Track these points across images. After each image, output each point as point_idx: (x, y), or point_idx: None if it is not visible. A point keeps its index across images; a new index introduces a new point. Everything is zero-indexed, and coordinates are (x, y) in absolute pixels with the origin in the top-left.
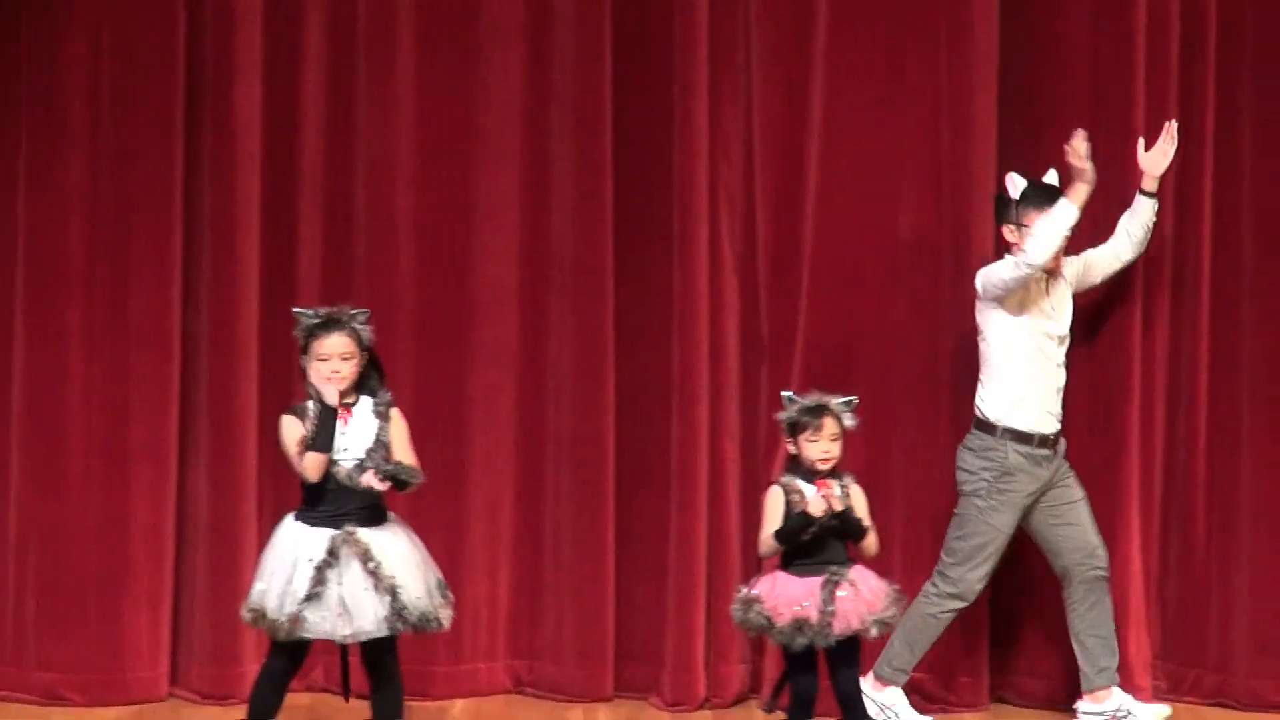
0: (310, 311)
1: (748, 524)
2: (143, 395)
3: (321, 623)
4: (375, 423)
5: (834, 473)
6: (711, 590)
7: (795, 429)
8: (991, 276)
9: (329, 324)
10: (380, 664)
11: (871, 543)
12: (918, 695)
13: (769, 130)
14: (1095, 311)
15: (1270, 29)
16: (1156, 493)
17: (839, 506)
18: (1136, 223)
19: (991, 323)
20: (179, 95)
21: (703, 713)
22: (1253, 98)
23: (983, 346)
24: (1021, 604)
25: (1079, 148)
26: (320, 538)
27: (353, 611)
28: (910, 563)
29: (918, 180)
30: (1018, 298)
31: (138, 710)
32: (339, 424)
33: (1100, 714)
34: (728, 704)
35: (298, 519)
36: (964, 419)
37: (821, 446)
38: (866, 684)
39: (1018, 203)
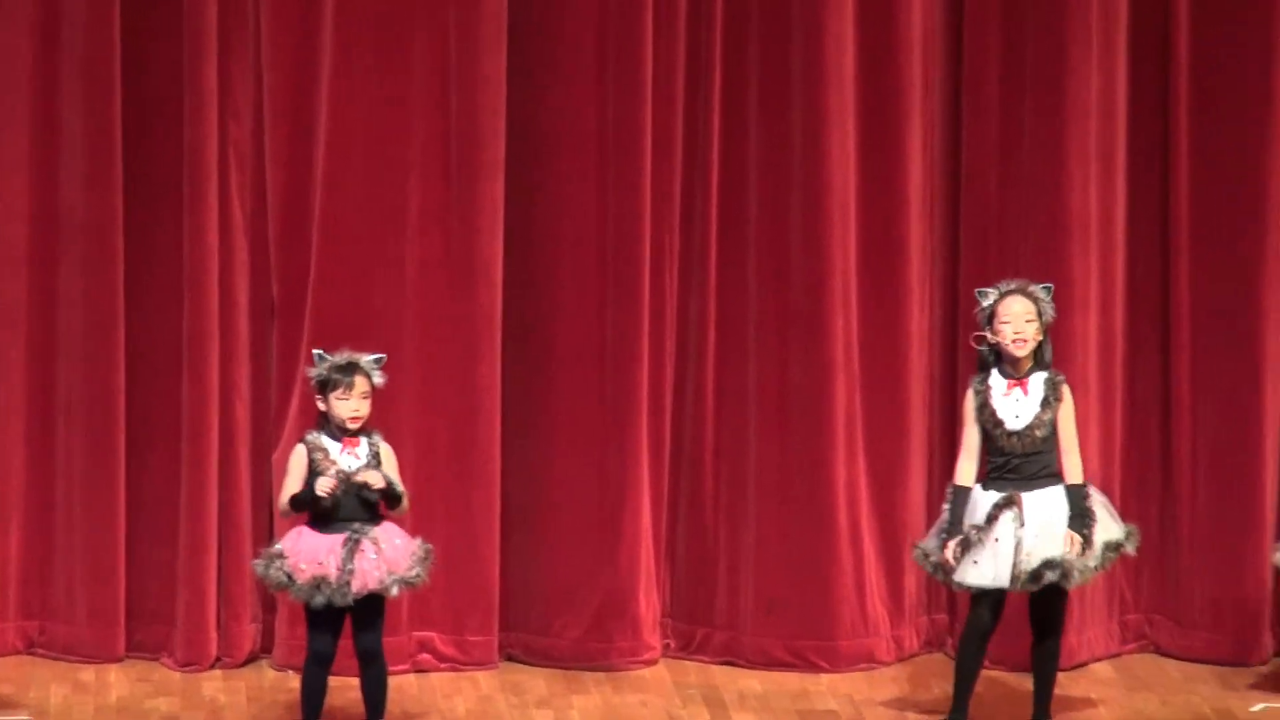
0: None
1: (258, 484)
2: None
3: None
4: None
5: (363, 430)
6: (223, 551)
7: (326, 387)
8: None
9: None
10: None
11: (405, 505)
12: (429, 654)
13: (279, 90)
14: (602, 268)
15: None
16: (666, 452)
17: (379, 484)
18: None
19: None
20: None
21: (214, 672)
22: (759, 58)
23: None
24: (531, 562)
25: None
26: None
27: None
28: (420, 524)
29: (426, 140)
30: None
31: None
32: None
33: None
34: (239, 663)
35: None
36: (473, 374)
37: (352, 405)
38: None
39: None
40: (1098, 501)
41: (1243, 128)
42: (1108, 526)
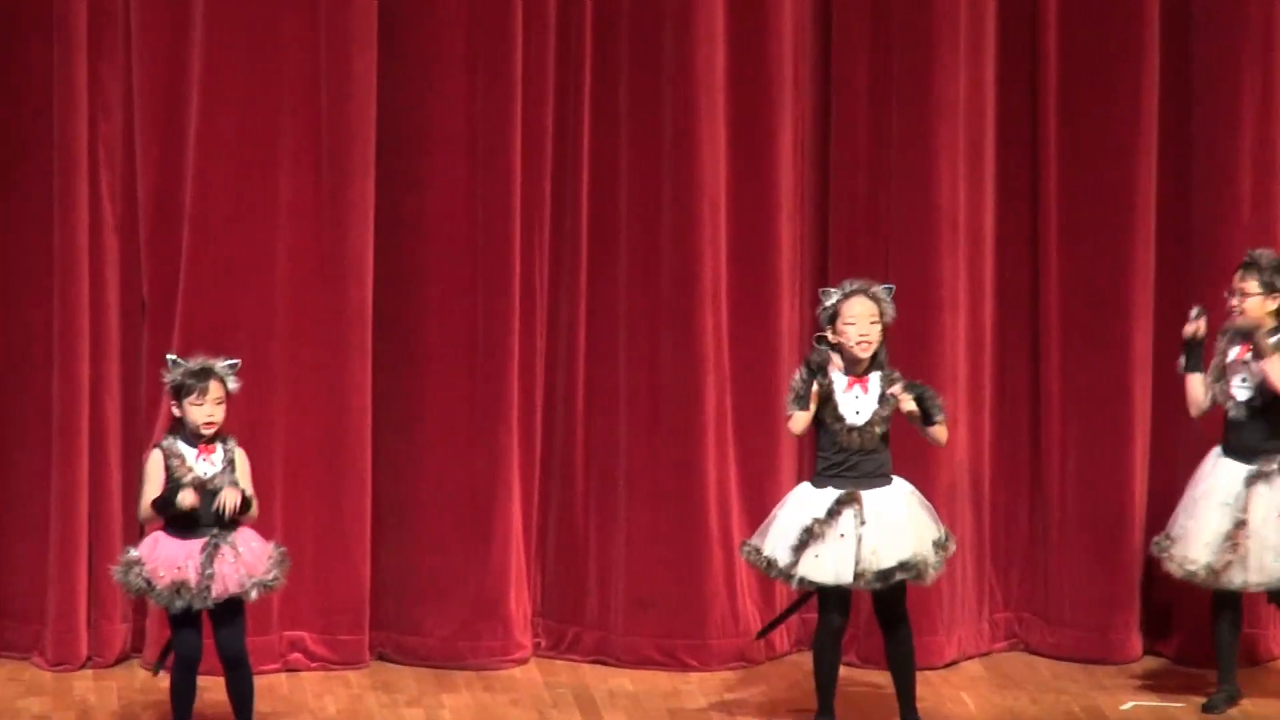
0: None
1: (128, 483)
2: None
3: None
4: None
5: (218, 436)
6: (93, 549)
7: (179, 392)
8: None
9: None
10: None
11: (254, 512)
12: (300, 654)
13: (149, 88)
14: (473, 265)
15: None
16: (537, 450)
17: (234, 503)
18: None
19: None
20: None
21: (85, 671)
22: (629, 55)
23: None
24: (402, 561)
25: None
26: None
27: None
28: (290, 524)
29: (297, 138)
30: None
31: None
32: None
33: None
34: (110, 663)
35: None
36: (344, 371)
37: (205, 410)
38: None
39: None
40: (920, 503)
41: (1112, 126)
42: (930, 526)
